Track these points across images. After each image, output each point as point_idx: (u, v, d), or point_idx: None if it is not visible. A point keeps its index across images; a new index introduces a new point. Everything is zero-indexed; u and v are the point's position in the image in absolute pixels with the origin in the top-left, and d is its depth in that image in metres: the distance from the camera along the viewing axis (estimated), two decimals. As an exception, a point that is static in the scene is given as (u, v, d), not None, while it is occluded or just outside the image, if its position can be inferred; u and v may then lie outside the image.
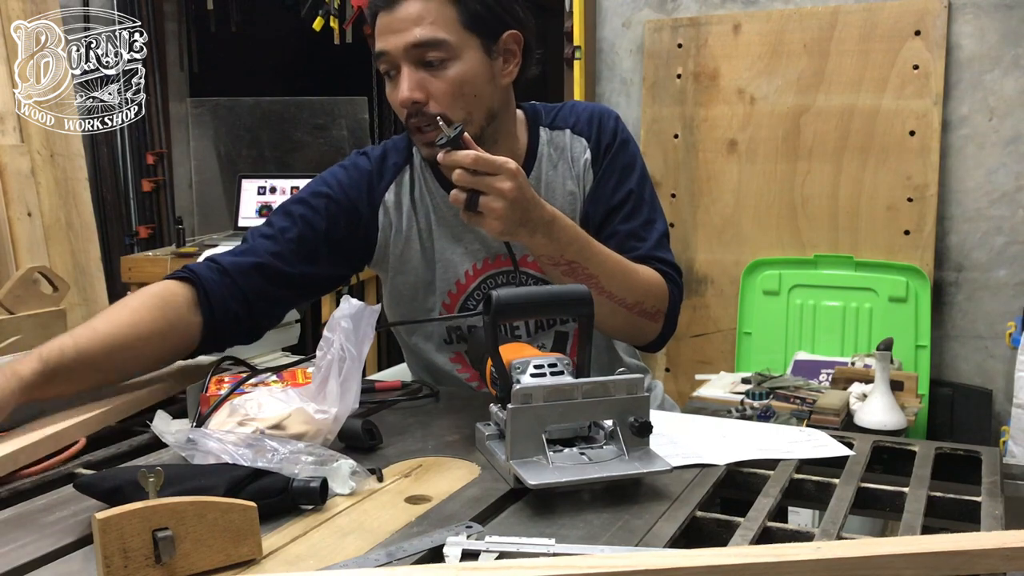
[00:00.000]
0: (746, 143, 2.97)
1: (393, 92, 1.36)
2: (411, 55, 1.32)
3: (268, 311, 1.43)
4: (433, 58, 1.32)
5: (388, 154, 1.51)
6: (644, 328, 1.43)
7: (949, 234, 2.81)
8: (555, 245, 1.29)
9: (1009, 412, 2.49)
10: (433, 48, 1.32)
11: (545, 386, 1.02)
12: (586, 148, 1.48)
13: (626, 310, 1.37)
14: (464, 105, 1.35)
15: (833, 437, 1.20)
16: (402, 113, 1.36)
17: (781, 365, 2.76)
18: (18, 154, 3.09)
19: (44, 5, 3.14)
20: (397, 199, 1.48)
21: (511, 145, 1.46)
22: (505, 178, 1.19)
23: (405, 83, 1.32)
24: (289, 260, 1.40)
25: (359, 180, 1.48)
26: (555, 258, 1.30)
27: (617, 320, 1.38)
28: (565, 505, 0.98)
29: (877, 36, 2.79)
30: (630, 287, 1.37)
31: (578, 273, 1.31)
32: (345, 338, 1.09)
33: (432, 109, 1.33)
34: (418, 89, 1.33)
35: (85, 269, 3.34)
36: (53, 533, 0.92)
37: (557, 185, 1.48)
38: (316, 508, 0.96)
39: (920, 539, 0.82)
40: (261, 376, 1.28)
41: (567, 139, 1.49)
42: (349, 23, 3.64)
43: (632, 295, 1.37)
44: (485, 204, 1.19)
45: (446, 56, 1.32)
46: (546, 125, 1.50)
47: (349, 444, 1.15)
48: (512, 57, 1.40)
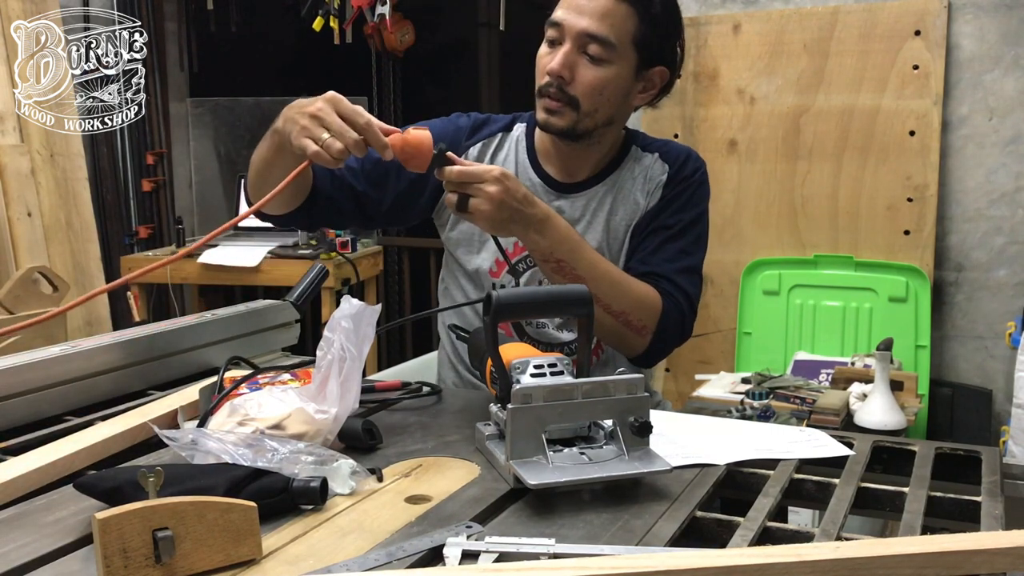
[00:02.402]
0: (746, 143, 2.97)
1: (546, 57, 1.46)
2: (580, 40, 1.43)
3: (327, 214, 1.56)
4: (595, 53, 1.43)
5: (489, 123, 1.63)
6: (629, 339, 1.48)
7: (949, 234, 2.81)
8: (547, 242, 1.38)
9: (1009, 412, 2.49)
10: (600, 44, 1.43)
11: (545, 386, 1.02)
12: (664, 171, 1.57)
13: (611, 317, 1.43)
14: (595, 102, 1.46)
15: (833, 437, 1.20)
16: (543, 78, 1.46)
17: (781, 365, 2.76)
18: (18, 154, 3.10)
19: (44, 5, 3.14)
20: (480, 154, 1.59)
21: (605, 149, 1.56)
22: (490, 183, 1.29)
23: (561, 57, 1.43)
24: (359, 179, 1.53)
25: (447, 130, 1.59)
26: (546, 255, 1.39)
27: (606, 325, 1.44)
28: (565, 505, 0.98)
29: (877, 36, 2.79)
30: (617, 296, 1.43)
31: (566, 272, 1.39)
32: (345, 338, 1.09)
33: (571, 91, 1.44)
34: (568, 68, 1.44)
35: (85, 269, 3.35)
36: (53, 533, 0.92)
37: (627, 191, 1.56)
38: (316, 508, 0.96)
39: (920, 539, 0.82)
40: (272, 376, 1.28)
41: (652, 160, 1.58)
42: (349, 23, 3.64)
43: (618, 304, 1.43)
44: (474, 206, 1.30)
45: (606, 57, 1.44)
46: (639, 145, 1.61)
47: (349, 444, 1.15)
48: (651, 88, 1.53)
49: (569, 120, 1.46)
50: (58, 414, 1.31)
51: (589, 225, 1.55)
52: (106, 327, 3.27)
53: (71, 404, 1.33)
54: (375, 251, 3.75)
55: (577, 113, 1.45)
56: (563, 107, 1.45)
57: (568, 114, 1.46)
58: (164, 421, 1.22)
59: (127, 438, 1.17)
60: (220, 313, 1.61)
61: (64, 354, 1.34)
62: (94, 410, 1.33)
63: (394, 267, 4.09)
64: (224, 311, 1.63)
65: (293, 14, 3.78)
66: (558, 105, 1.45)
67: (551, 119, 1.46)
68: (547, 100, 1.46)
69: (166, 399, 1.30)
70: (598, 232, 1.55)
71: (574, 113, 1.45)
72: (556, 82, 1.44)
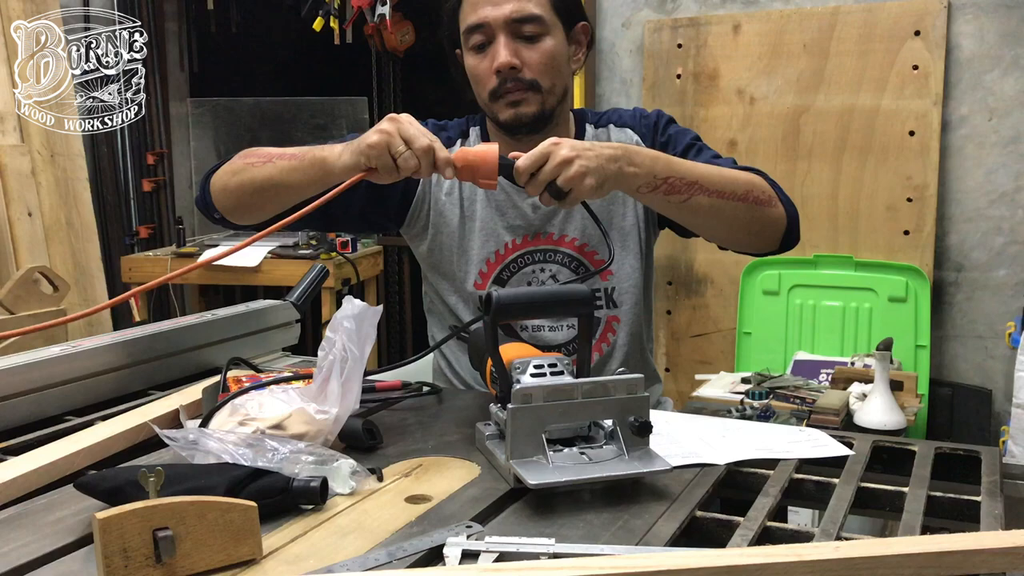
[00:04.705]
0: (746, 143, 2.97)
1: (483, 62, 1.47)
2: (510, 27, 1.44)
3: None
4: (529, 32, 1.45)
5: (446, 129, 1.61)
6: (770, 216, 1.44)
7: (949, 234, 2.81)
8: (644, 168, 1.31)
9: (1009, 412, 2.49)
10: (531, 22, 1.44)
11: (545, 386, 1.02)
12: (632, 136, 1.56)
13: (741, 203, 1.39)
14: (551, 77, 1.47)
15: (833, 437, 1.20)
16: (491, 81, 1.46)
17: (781, 365, 2.76)
18: (18, 154, 3.10)
19: (44, 5, 3.14)
20: None
21: (562, 132, 1.54)
22: (557, 152, 1.24)
23: (504, 50, 1.44)
24: None
25: None
26: (652, 182, 1.32)
27: (740, 216, 1.40)
28: (565, 505, 0.98)
29: (877, 36, 2.79)
30: (732, 181, 1.39)
31: (678, 187, 1.33)
32: (347, 338, 1.09)
33: (526, 76, 1.45)
34: (516, 56, 1.44)
35: (85, 269, 3.35)
36: (53, 533, 0.92)
37: None
38: (316, 508, 0.96)
39: (920, 539, 0.82)
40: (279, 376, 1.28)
41: (611, 133, 1.59)
42: (349, 23, 3.64)
43: (739, 187, 1.39)
44: (565, 181, 1.23)
45: (541, 31, 1.45)
46: (591, 123, 1.60)
47: (349, 444, 1.15)
48: (580, 47, 1.54)
49: (536, 104, 1.47)
50: (58, 414, 1.31)
51: (568, 216, 1.54)
52: (106, 327, 3.27)
53: (71, 404, 1.33)
54: (375, 251, 3.75)
55: (541, 94, 1.46)
56: (526, 93, 1.45)
57: (533, 98, 1.46)
58: (165, 421, 1.22)
59: (127, 438, 1.17)
60: (220, 313, 1.61)
61: (65, 354, 1.34)
62: (95, 410, 1.33)
63: (394, 267, 4.09)
64: (224, 311, 1.63)
65: (293, 14, 3.78)
66: (522, 94, 1.45)
67: (520, 110, 1.46)
68: (509, 95, 1.46)
69: (167, 399, 1.30)
70: (577, 221, 1.54)
71: (538, 95, 1.46)
72: (510, 75, 1.44)
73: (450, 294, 1.59)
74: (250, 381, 1.25)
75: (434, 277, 1.61)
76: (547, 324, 1.56)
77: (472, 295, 1.56)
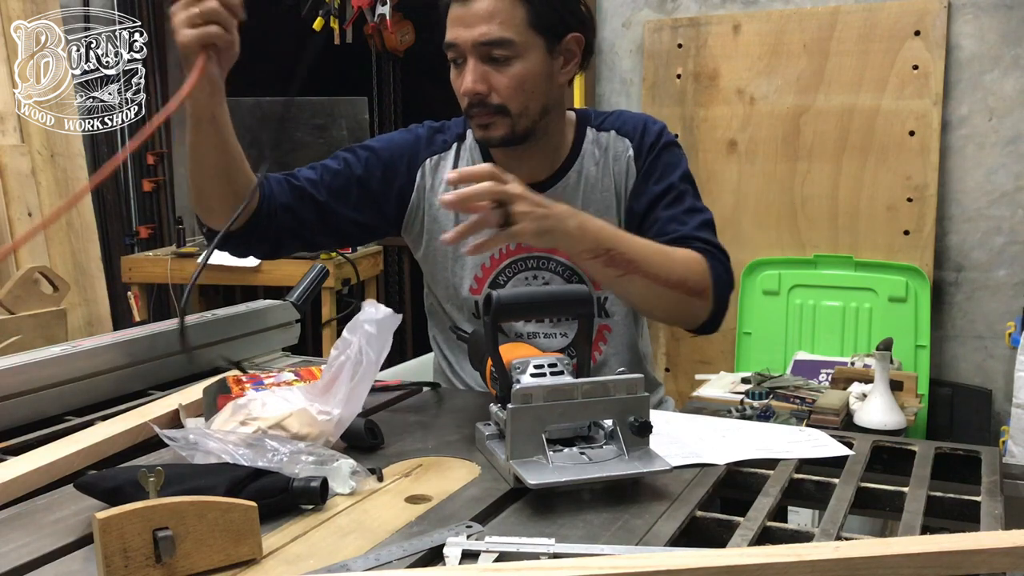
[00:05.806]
0: (746, 143, 2.97)
1: (458, 79, 1.45)
2: (479, 50, 1.40)
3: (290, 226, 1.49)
4: (499, 55, 1.40)
5: (445, 129, 1.60)
6: (694, 307, 1.44)
7: (949, 234, 2.81)
8: (589, 235, 1.31)
9: (1009, 412, 2.49)
10: (499, 47, 1.40)
11: (545, 386, 1.02)
12: (628, 147, 1.54)
13: (671, 289, 1.39)
14: (522, 99, 1.43)
15: (833, 437, 1.20)
16: (463, 101, 1.45)
17: (781, 365, 2.76)
18: (18, 154, 3.10)
19: (44, 5, 3.14)
20: (437, 165, 1.57)
21: (556, 141, 1.53)
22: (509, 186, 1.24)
23: (470, 75, 1.41)
24: (320, 190, 1.51)
25: (407, 141, 1.58)
26: (594, 250, 1.32)
27: (665, 301, 1.41)
28: (565, 505, 0.98)
29: (877, 36, 2.79)
30: (670, 266, 1.39)
31: (617, 261, 1.33)
32: (366, 341, 1.08)
33: (493, 100, 1.42)
34: (481, 81, 1.41)
35: (85, 269, 3.34)
36: (53, 533, 0.92)
37: (597, 181, 1.54)
38: (316, 508, 0.96)
39: (920, 539, 0.82)
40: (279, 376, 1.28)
41: (611, 139, 1.55)
42: (349, 23, 3.64)
43: (675, 273, 1.39)
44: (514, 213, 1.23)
45: (511, 54, 1.41)
46: (594, 126, 1.57)
47: (350, 444, 1.15)
48: (572, 57, 1.48)
49: (505, 128, 1.44)
50: (58, 414, 1.31)
51: None
52: (106, 327, 3.27)
53: (71, 404, 1.33)
54: (375, 251, 3.74)
55: (510, 118, 1.43)
56: (493, 117, 1.43)
57: (501, 123, 1.43)
58: (165, 421, 1.22)
59: (127, 438, 1.17)
60: (220, 313, 1.61)
61: (65, 354, 1.34)
62: (94, 410, 1.33)
63: (394, 267, 4.08)
64: (224, 311, 1.63)
65: (293, 14, 3.78)
66: (488, 119, 1.43)
67: (488, 133, 1.45)
68: (477, 118, 1.44)
69: (167, 399, 1.30)
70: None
71: (507, 119, 1.43)
72: (477, 99, 1.42)
73: (445, 299, 1.59)
74: (251, 382, 1.25)
75: (431, 281, 1.62)
76: (542, 331, 1.55)
77: (467, 300, 1.56)
